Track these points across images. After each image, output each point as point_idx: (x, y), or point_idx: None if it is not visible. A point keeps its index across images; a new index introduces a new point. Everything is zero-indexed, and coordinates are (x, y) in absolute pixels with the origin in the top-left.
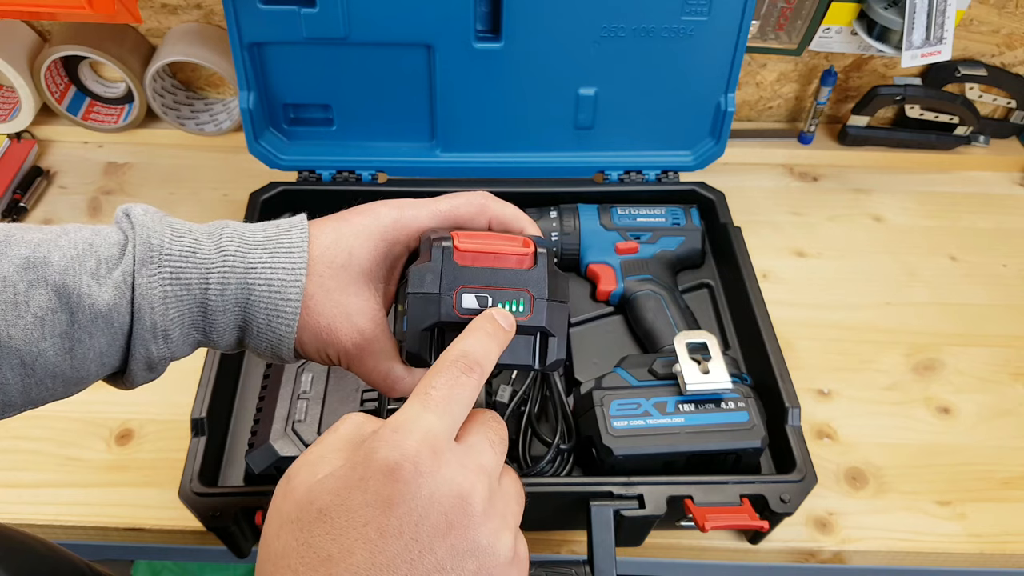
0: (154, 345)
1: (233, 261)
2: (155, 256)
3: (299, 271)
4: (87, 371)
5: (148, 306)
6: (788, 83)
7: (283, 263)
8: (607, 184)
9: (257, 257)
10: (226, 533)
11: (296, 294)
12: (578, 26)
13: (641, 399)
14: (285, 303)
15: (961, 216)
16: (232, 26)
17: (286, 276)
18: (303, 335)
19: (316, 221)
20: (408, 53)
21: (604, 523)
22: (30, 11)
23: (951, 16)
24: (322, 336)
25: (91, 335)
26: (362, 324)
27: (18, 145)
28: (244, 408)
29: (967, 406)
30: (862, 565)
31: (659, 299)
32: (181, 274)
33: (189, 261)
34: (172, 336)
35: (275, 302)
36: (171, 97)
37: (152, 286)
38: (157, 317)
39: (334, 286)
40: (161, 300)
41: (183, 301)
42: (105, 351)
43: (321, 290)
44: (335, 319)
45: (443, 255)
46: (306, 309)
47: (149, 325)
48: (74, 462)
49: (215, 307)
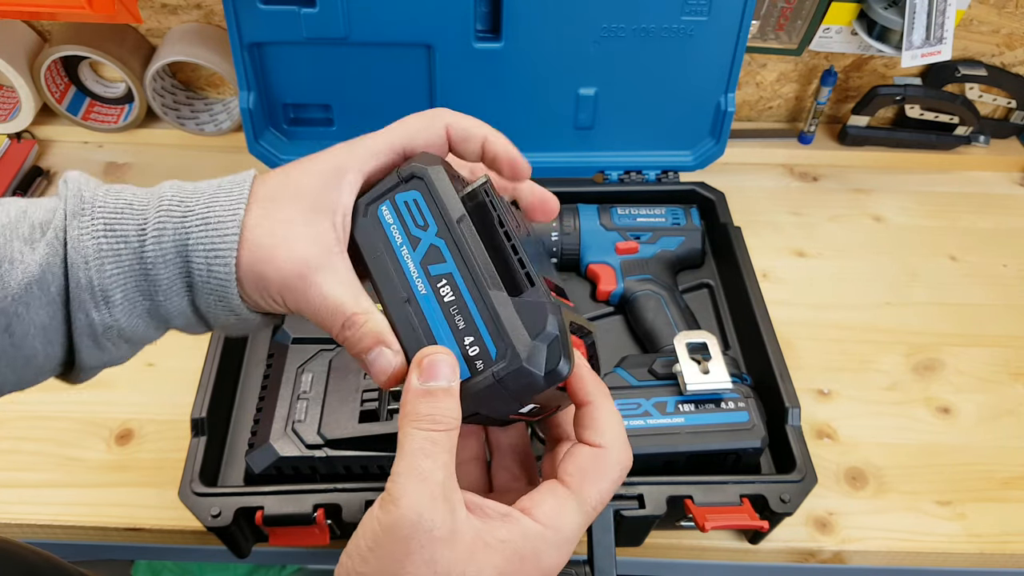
0: (95, 310)
1: (170, 206)
2: (87, 208)
3: (238, 205)
4: (31, 350)
5: (82, 260)
6: (788, 83)
7: (222, 202)
8: (607, 184)
9: (195, 200)
10: (226, 533)
11: (233, 227)
12: (578, 26)
13: (641, 399)
14: (222, 239)
15: (961, 216)
16: (232, 26)
17: (223, 212)
18: (243, 273)
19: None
20: (408, 53)
21: (604, 523)
22: (30, 11)
23: (951, 16)
24: (259, 268)
25: (28, 306)
26: (305, 251)
27: (18, 145)
28: (244, 408)
29: (967, 406)
30: (862, 565)
31: (659, 299)
32: (116, 225)
33: (124, 212)
34: (114, 299)
35: (212, 240)
36: (171, 97)
37: (84, 238)
38: (93, 273)
39: (278, 217)
40: (95, 254)
41: (120, 255)
42: (47, 324)
43: (264, 222)
44: (275, 248)
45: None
46: (244, 243)
47: (86, 284)
48: (74, 462)
49: (155, 259)
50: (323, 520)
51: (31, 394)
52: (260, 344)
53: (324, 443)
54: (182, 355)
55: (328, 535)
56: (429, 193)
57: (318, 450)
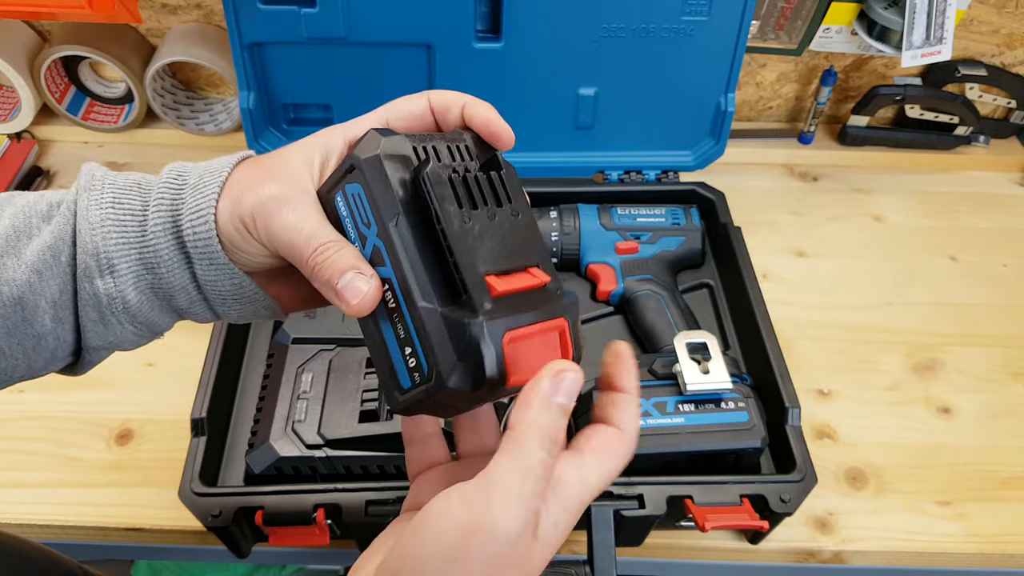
0: (99, 279)
1: (168, 179)
2: (97, 185)
3: (224, 169)
4: (42, 327)
5: (88, 227)
6: (788, 83)
7: (213, 170)
8: (607, 184)
9: (191, 174)
10: (226, 533)
11: (214, 188)
12: (578, 26)
13: (641, 399)
14: (204, 198)
15: (961, 216)
16: (232, 26)
17: (210, 179)
18: (224, 218)
19: None
20: (408, 53)
21: (604, 523)
22: (30, 11)
23: (951, 16)
24: (237, 201)
25: (40, 275)
26: (283, 184)
27: (18, 145)
28: (244, 408)
29: (967, 406)
30: (862, 565)
31: (659, 299)
32: (124, 199)
33: (132, 190)
34: (119, 269)
35: (197, 202)
36: (171, 97)
37: (92, 209)
38: (99, 240)
39: (259, 172)
40: (101, 222)
41: (126, 227)
42: (57, 299)
43: (243, 177)
44: (253, 185)
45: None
46: (225, 193)
47: (92, 250)
48: (74, 462)
49: (155, 230)
50: (323, 520)
51: (31, 394)
52: (260, 344)
53: (324, 443)
54: (182, 355)
55: (328, 535)
56: (368, 187)
57: (318, 450)
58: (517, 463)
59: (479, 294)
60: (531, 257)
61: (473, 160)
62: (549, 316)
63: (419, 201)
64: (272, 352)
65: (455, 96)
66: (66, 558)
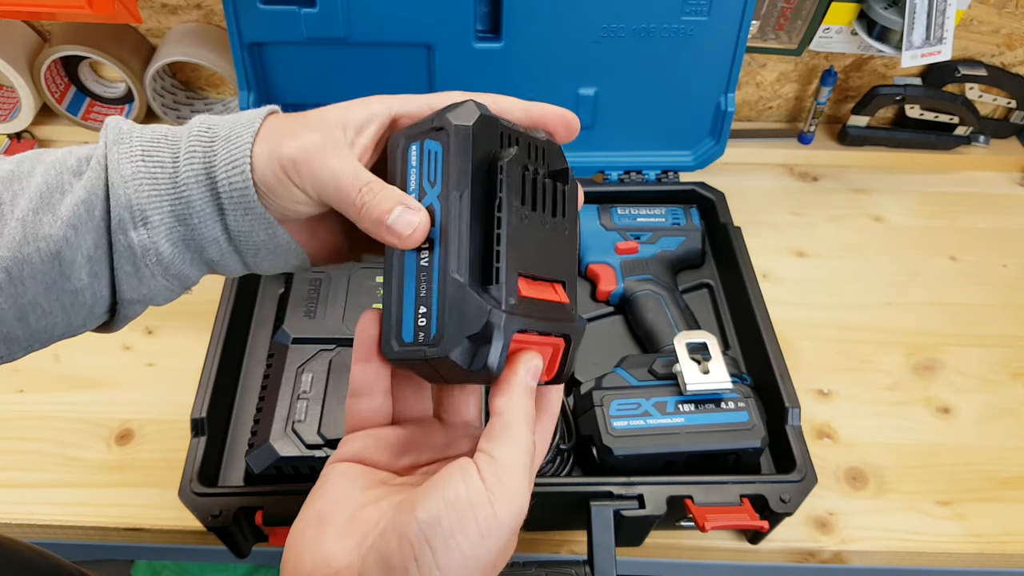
0: (133, 230)
1: (199, 132)
2: (125, 138)
3: (255, 119)
4: (79, 281)
5: (120, 179)
6: (788, 83)
7: (243, 121)
8: (607, 184)
9: (221, 126)
10: (226, 533)
11: (248, 136)
12: (578, 26)
13: (641, 399)
14: (239, 137)
15: (961, 216)
16: (232, 26)
17: (242, 130)
18: (260, 163)
19: None
20: (408, 53)
21: (604, 523)
22: (30, 11)
23: (951, 16)
24: (275, 145)
25: (76, 229)
26: (322, 133)
27: (18, 145)
28: (244, 408)
29: (967, 406)
30: (862, 565)
31: (659, 299)
32: (153, 151)
33: (160, 142)
34: (152, 220)
35: (230, 152)
36: (171, 97)
37: (123, 162)
38: (132, 193)
39: (301, 124)
40: (132, 175)
41: (157, 178)
42: (92, 253)
43: (279, 122)
44: (292, 131)
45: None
46: (260, 137)
47: (125, 203)
48: (74, 462)
49: (187, 181)
50: None
51: (31, 394)
52: (260, 344)
53: (324, 443)
54: (182, 355)
55: None
56: (448, 151)
57: (318, 450)
58: (517, 446)
59: (509, 288)
60: (561, 274)
61: (544, 164)
62: (555, 332)
63: (489, 182)
64: (272, 352)
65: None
66: (62, 560)
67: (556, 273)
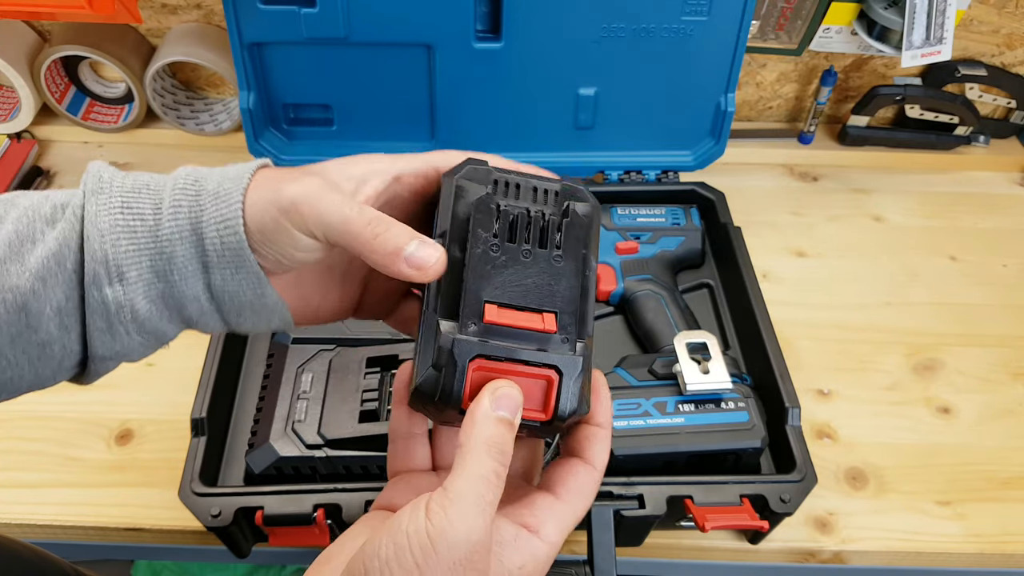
0: (108, 286)
1: (184, 184)
2: (105, 187)
3: (245, 174)
4: (47, 334)
5: (97, 233)
6: (788, 83)
7: (231, 175)
8: (607, 184)
9: (209, 179)
10: (226, 533)
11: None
12: (578, 26)
13: (641, 399)
14: (228, 194)
15: (961, 216)
16: (232, 26)
17: (231, 185)
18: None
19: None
20: (408, 53)
21: (604, 523)
22: (30, 11)
23: (951, 16)
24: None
25: (44, 282)
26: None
27: (18, 145)
28: (244, 408)
29: (967, 406)
30: (862, 565)
31: (659, 299)
32: (133, 203)
33: (142, 192)
34: (128, 276)
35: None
36: (171, 97)
37: (101, 214)
38: (108, 247)
39: (300, 171)
40: (111, 228)
41: (136, 232)
42: (63, 305)
43: (272, 173)
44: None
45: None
46: (253, 187)
47: (100, 257)
48: (74, 462)
49: (170, 236)
50: (323, 520)
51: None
52: (260, 344)
53: (324, 443)
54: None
55: (328, 535)
56: (439, 201)
57: (318, 450)
58: (470, 473)
59: (469, 315)
60: (552, 304)
61: (556, 203)
62: (535, 361)
63: (464, 224)
64: (272, 352)
65: (456, 156)
66: (59, 559)
67: (542, 302)
